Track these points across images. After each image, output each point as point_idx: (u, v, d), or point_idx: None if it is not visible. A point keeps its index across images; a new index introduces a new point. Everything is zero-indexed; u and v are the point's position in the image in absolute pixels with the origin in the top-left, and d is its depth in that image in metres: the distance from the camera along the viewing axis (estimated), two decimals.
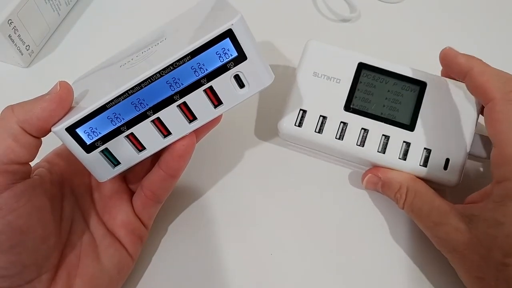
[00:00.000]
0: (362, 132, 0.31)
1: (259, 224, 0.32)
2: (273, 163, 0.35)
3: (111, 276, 0.27)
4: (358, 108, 0.31)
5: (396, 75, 0.32)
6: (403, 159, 0.30)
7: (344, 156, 0.33)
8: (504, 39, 0.42)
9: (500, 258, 0.24)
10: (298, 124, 0.31)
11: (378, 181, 0.31)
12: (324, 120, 0.31)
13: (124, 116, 0.24)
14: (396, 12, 0.44)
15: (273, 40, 0.41)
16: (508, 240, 0.24)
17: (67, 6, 0.42)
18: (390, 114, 0.31)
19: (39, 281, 0.24)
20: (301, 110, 0.31)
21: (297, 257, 0.31)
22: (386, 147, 0.31)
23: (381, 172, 0.31)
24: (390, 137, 0.31)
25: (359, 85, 0.32)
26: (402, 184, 0.29)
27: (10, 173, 0.23)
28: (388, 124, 0.31)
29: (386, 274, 0.31)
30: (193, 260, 0.31)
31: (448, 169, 0.30)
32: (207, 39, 0.22)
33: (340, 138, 0.31)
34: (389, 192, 0.30)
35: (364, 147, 0.31)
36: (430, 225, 0.28)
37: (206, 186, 0.34)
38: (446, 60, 0.30)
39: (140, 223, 0.29)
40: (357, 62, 0.32)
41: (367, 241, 0.32)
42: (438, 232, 0.27)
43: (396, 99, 0.31)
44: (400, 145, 0.31)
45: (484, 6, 0.45)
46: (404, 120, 0.31)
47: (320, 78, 0.32)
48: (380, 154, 0.30)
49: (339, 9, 0.44)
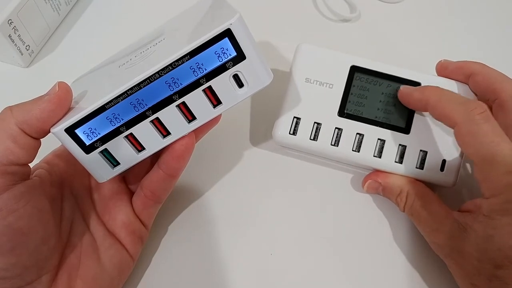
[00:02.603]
0: (357, 137, 0.31)
1: (259, 224, 0.32)
2: (273, 163, 0.35)
3: (111, 277, 0.27)
4: (352, 113, 0.31)
5: (389, 76, 0.31)
6: (400, 162, 0.30)
7: (341, 161, 0.33)
8: (504, 39, 0.42)
9: (492, 270, 0.24)
10: (293, 132, 0.31)
11: (378, 186, 0.31)
12: (318, 126, 0.31)
13: (123, 116, 0.24)
14: (396, 12, 0.44)
15: (272, 40, 0.41)
16: (499, 253, 0.24)
17: (67, 6, 0.42)
18: (385, 117, 0.31)
19: (39, 282, 0.24)
20: (295, 118, 0.31)
21: (297, 257, 0.31)
22: (382, 151, 0.31)
23: (381, 177, 0.31)
24: (385, 141, 0.31)
25: (352, 89, 0.31)
26: (402, 188, 0.30)
27: (10, 174, 0.23)
28: (383, 128, 0.31)
29: (386, 275, 0.31)
30: (193, 260, 0.31)
31: (445, 170, 0.30)
32: (205, 38, 0.22)
33: (335, 144, 0.31)
34: (390, 195, 0.31)
35: (360, 152, 0.31)
36: (428, 231, 0.28)
37: (206, 186, 0.34)
38: (404, 100, 0.30)
39: (140, 223, 0.29)
40: (350, 66, 0.32)
41: (367, 242, 0.32)
42: (435, 237, 0.28)
43: (391, 102, 0.31)
44: (396, 149, 0.30)
45: (484, 6, 0.45)
46: (399, 123, 0.31)
47: (313, 84, 0.32)
48: (376, 159, 0.31)
49: (339, 9, 0.43)
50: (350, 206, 0.33)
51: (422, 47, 0.42)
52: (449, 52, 0.41)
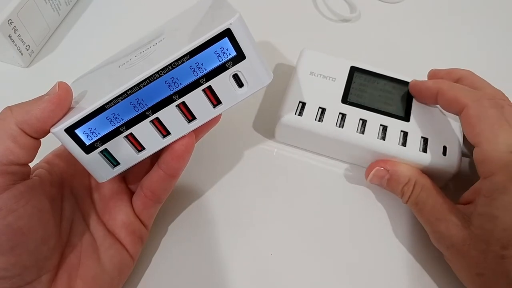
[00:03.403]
0: (360, 122, 0.32)
1: (259, 224, 0.32)
2: (273, 163, 0.35)
3: (111, 277, 0.27)
4: (355, 101, 0.33)
5: (385, 76, 0.34)
6: (403, 146, 0.31)
7: (344, 147, 0.33)
8: (504, 39, 0.42)
9: (499, 251, 0.25)
10: (299, 113, 0.32)
11: (385, 174, 0.31)
12: (323, 111, 0.32)
13: (123, 116, 0.24)
14: (396, 12, 0.44)
15: (273, 40, 0.41)
16: (505, 233, 0.24)
17: (67, 6, 0.42)
18: (385, 107, 0.32)
19: (39, 282, 0.24)
20: (300, 102, 0.32)
21: (297, 257, 0.31)
22: (385, 135, 0.31)
23: (389, 164, 0.31)
24: (388, 127, 0.32)
25: (353, 84, 0.33)
26: (410, 177, 0.30)
27: (9, 174, 0.23)
28: (385, 115, 0.32)
29: (387, 273, 0.31)
30: (193, 260, 0.31)
31: (447, 155, 0.31)
32: (205, 38, 0.22)
33: (340, 126, 0.32)
34: (396, 185, 0.31)
35: (364, 135, 0.31)
36: (432, 220, 0.28)
37: (206, 186, 0.34)
38: (415, 89, 0.32)
39: (140, 223, 0.29)
40: (349, 66, 0.34)
41: (367, 240, 0.32)
42: (439, 226, 0.28)
43: (389, 96, 0.33)
44: (399, 134, 0.31)
45: (484, 6, 0.45)
46: (399, 112, 0.32)
47: (317, 77, 0.34)
48: (381, 141, 0.31)
49: (339, 9, 0.44)
50: (349, 205, 0.33)
51: (422, 47, 0.42)
52: (449, 52, 0.42)
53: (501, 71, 0.30)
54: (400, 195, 0.31)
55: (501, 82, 0.29)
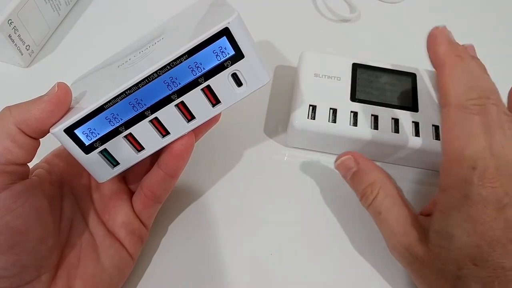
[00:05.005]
0: (372, 118, 0.32)
1: (259, 224, 0.32)
2: (273, 163, 0.35)
3: (111, 277, 0.27)
4: (363, 98, 0.33)
5: (387, 70, 0.34)
6: (417, 136, 0.31)
7: (359, 145, 0.33)
8: (504, 39, 0.42)
9: (455, 271, 0.23)
10: (311, 117, 0.32)
11: (353, 167, 0.29)
12: (334, 111, 0.32)
13: (122, 116, 0.24)
14: (396, 12, 0.44)
15: (273, 40, 0.41)
16: (461, 252, 0.23)
17: (67, 6, 0.42)
18: (393, 100, 0.33)
19: (38, 282, 0.24)
20: (310, 106, 0.33)
21: (297, 257, 0.31)
22: (398, 128, 0.32)
23: (361, 160, 0.29)
24: (399, 120, 0.32)
25: (358, 81, 0.34)
26: (376, 180, 0.28)
27: (8, 174, 0.23)
28: (394, 108, 0.32)
29: (387, 275, 0.30)
30: (193, 260, 0.31)
31: None
32: (203, 38, 0.22)
33: (354, 125, 0.32)
34: (358, 183, 0.29)
35: (378, 130, 0.32)
36: (396, 232, 0.26)
37: (206, 186, 0.34)
38: (430, 42, 0.29)
39: (140, 223, 0.29)
40: (351, 63, 0.35)
41: (368, 241, 0.32)
42: (402, 241, 0.26)
43: (394, 89, 0.33)
44: (410, 125, 0.32)
45: (484, 6, 0.45)
46: (407, 104, 0.33)
47: (322, 78, 0.34)
48: (395, 134, 0.32)
49: (339, 9, 0.44)
50: (350, 205, 0.33)
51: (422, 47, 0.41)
52: None
53: (500, 71, 0.29)
54: (360, 195, 0.28)
55: (501, 82, 0.29)
